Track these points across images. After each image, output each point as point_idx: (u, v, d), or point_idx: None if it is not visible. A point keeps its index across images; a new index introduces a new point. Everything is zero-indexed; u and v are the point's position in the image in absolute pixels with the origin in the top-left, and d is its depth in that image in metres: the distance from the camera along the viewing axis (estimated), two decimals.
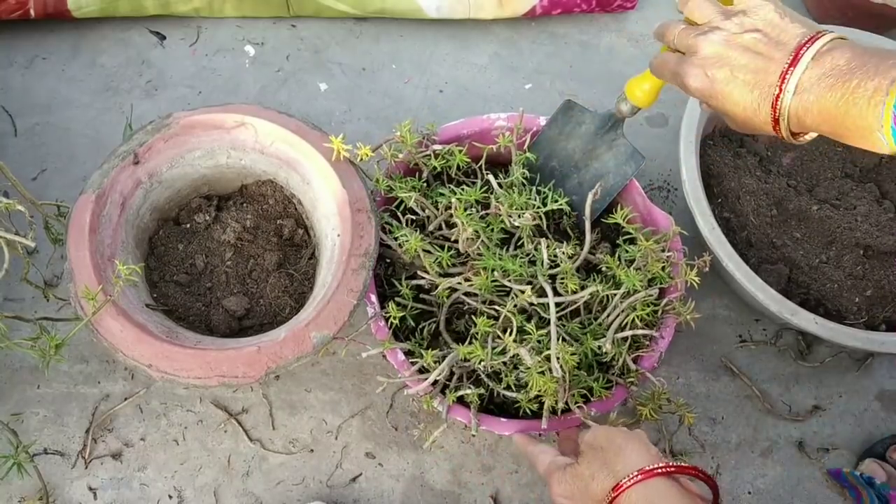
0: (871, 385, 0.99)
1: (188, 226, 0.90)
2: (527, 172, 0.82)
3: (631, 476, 0.59)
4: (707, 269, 0.78)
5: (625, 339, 0.76)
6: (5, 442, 0.77)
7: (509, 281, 0.75)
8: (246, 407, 0.91)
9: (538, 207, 0.79)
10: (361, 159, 0.77)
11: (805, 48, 0.55)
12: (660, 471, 0.59)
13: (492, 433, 0.91)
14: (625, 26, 1.17)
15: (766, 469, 0.94)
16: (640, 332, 0.75)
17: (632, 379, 0.77)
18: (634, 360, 0.78)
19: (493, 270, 0.75)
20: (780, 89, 0.55)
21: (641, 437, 0.63)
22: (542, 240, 0.77)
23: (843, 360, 0.99)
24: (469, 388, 0.74)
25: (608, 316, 0.77)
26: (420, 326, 0.79)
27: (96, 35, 1.10)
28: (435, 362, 0.73)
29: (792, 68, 0.54)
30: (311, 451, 0.90)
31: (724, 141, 1.01)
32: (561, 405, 0.73)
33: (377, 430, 0.91)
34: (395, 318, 0.75)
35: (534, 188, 0.83)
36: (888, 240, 0.93)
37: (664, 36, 0.64)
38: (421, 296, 0.81)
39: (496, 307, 0.77)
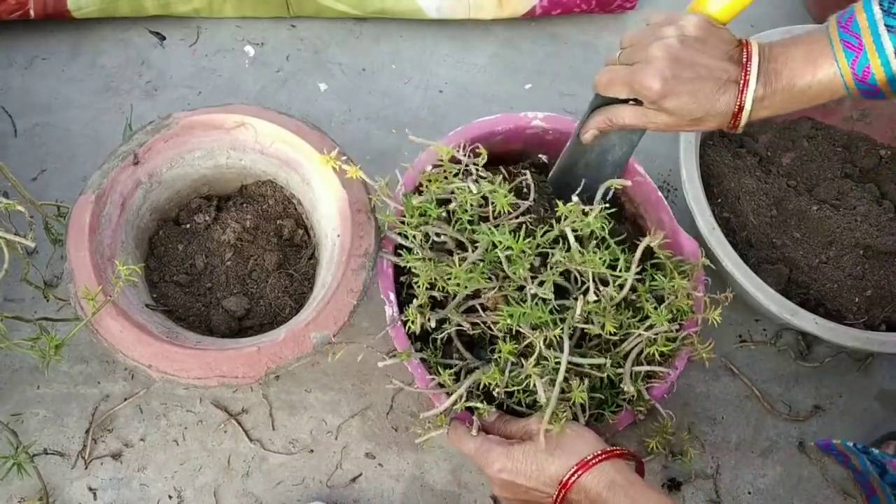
0: (871, 385, 0.99)
1: (188, 226, 0.90)
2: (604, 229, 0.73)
3: (595, 455, 0.64)
4: (728, 303, 0.75)
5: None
6: (5, 442, 0.77)
7: (527, 325, 0.71)
8: (246, 407, 0.91)
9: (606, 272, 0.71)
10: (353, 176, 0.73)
11: (751, 44, 0.64)
12: (617, 452, 0.65)
13: None
14: (625, 26, 1.17)
15: (766, 469, 0.94)
16: (657, 368, 0.74)
17: (640, 407, 0.75)
18: (647, 389, 0.76)
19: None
20: (745, 81, 0.63)
21: (589, 430, 0.68)
22: (581, 297, 0.71)
23: (843, 360, 0.99)
24: (481, 403, 0.72)
25: (626, 346, 0.74)
26: (432, 337, 0.76)
27: (96, 35, 1.10)
28: (451, 379, 0.71)
29: (749, 63, 0.63)
30: (311, 451, 0.90)
31: (723, 141, 1.01)
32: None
33: (377, 430, 0.91)
34: (412, 323, 0.72)
35: (607, 247, 0.73)
36: (888, 240, 0.93)
37: (608, 68, 0.70)
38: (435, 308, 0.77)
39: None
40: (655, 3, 1.18)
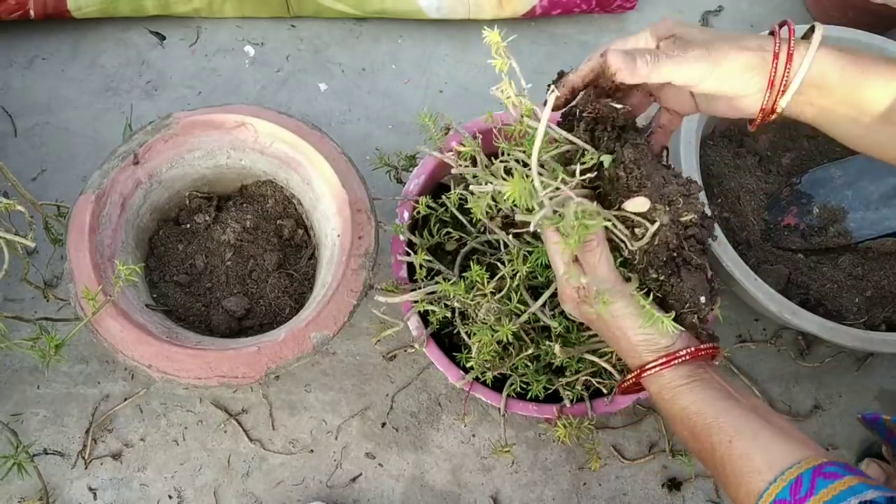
0: (871, 385, 0.99)
1: (188, 226, 0.90)
2: None
3: (679, 351, 0.56)
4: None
5: (592, 366, 0.73)
6: (5, 442, 0.77)
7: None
8: (246, 407, 0.91)
9: None
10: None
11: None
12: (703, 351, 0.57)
13: (490, 438, 0.91)
14: (625, 26, 1.17)
15: None
16: (608, 367, 0.71)
17: (570, 392, 0.74)
18: (590, 391, 0.75)
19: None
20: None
21: None
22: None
23: (843, 360, 0.99)
24: (436, 309, 0.73)
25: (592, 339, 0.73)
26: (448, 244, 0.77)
27: (96, 35, 1.10)
28: (421, 267, 0.73)
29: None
30: (311, 451, 0.90)
31: (723, 141, 1.01)
32: (489, 375, 0.73)
33: (377, 430, 0.91)
34: (420, 210, 0.75)
35: None
36: (888, 241, 0.93)
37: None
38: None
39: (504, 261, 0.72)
40: (656, 2, 1.18)
